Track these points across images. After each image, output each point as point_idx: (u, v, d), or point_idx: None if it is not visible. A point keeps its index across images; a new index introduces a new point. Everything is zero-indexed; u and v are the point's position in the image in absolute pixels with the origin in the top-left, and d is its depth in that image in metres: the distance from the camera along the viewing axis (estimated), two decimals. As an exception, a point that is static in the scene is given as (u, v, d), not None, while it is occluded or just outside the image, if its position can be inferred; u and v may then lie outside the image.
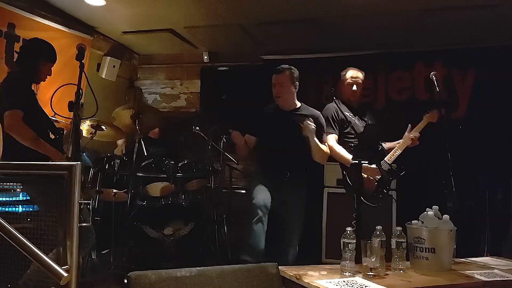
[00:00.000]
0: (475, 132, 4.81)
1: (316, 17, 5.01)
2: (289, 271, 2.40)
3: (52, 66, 3.32)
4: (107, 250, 4.58)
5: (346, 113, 3.84)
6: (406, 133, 3.95)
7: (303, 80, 4.06)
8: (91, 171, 4.53)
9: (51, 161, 2.93)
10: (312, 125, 3.59)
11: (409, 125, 3.97)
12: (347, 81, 4.02)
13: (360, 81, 4.04)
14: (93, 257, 4.47)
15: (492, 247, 4.29)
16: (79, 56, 3.10)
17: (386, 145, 4.00)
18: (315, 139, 3.63)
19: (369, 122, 4.02)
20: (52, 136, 3.20)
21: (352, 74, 4.04)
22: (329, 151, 3.76)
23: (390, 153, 3.86)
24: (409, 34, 5.25)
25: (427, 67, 5.33)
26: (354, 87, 4.00)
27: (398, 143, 3.93)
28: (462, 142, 3.73)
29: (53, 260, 1.57)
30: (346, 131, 3.88)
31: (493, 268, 2.68)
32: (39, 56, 3.24)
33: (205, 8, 4.90)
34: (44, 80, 3.32)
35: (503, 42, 5.11)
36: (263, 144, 3.85)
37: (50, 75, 3.33)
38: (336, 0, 4.51)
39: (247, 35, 5.60)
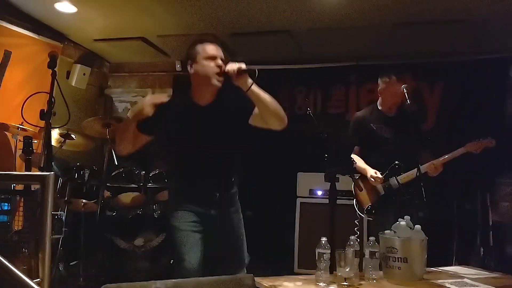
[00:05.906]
0: (443, 143, 4.89)
1: (288, 29, 5.08)
2: (265, 282, 2.39)
3: None
4: (75, 262, 4.48)
5: (376, 124, 3.57)
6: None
7: (276, 91, 3.99)
8: (60, 181, 4.42)
9: None
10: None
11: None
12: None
13: None
14: (60, 269, 4.36)
15: (460, 257, 4.38)
16: (51, 64, 3.06)
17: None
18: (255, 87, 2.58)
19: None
20: None
21: None
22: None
23: (406, 173, 3.57)
24: (380, 47, 5.36)
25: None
26: None
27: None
28: (431, 153, 3.78)
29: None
30: (372, 142, 3.62)
31: (463, 277, 2.73)
32: None
33: (178, 17, 4.90)
34: None
35: (471, 57, 5.28)
36: (178, 153, 2.87)
37: None
38: (307, 12, 4.59)
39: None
